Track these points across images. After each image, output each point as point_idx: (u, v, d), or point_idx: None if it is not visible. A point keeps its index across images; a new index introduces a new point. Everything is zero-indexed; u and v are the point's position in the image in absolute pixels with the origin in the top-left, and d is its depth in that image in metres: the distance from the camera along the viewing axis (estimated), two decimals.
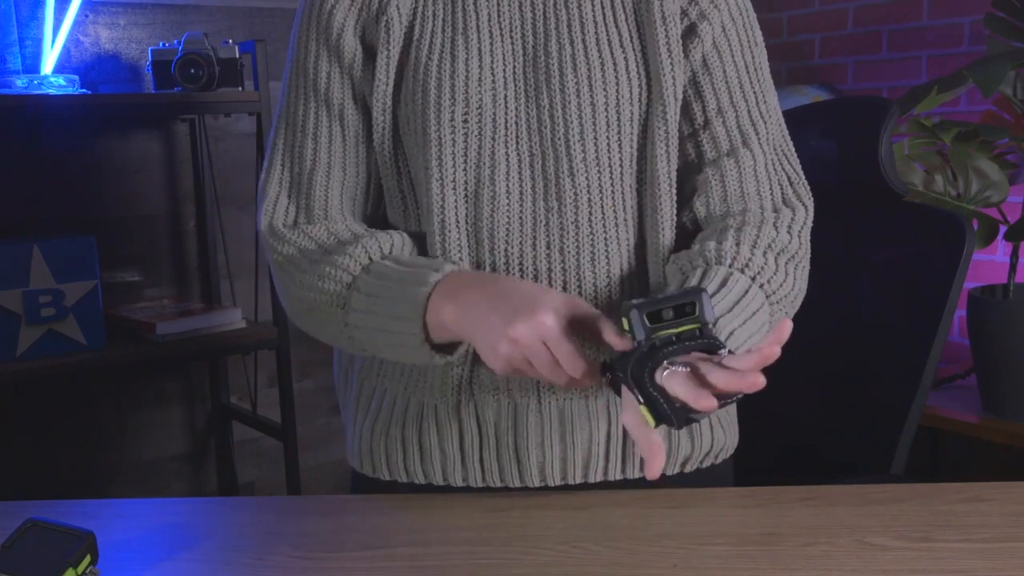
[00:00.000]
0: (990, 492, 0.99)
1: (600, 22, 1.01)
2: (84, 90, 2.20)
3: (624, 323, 0.83)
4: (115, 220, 2.38)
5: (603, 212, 1.00)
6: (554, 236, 0.99)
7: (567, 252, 0.99)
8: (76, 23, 2.26)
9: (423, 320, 0.91)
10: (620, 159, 1.01)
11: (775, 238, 1.00)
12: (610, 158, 1.00)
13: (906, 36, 2.65)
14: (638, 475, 1.04)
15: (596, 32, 1.01)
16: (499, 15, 1.01)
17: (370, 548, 0.91)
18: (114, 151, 2.37)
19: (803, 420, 1.46)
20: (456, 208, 0.99)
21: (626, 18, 1.02)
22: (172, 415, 2.53)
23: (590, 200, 0.99)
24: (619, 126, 1.00)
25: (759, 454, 1.24)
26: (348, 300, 0.96)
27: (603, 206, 1.00)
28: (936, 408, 2.24)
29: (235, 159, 2.53)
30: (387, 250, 0.98)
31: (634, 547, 0.89)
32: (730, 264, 0.96)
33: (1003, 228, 2.07)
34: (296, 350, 2.38)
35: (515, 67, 1.00)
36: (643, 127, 1.02)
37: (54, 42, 2.21)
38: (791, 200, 1.04)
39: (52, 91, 2.09)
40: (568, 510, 0.98)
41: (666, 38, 1.00)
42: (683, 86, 1.03)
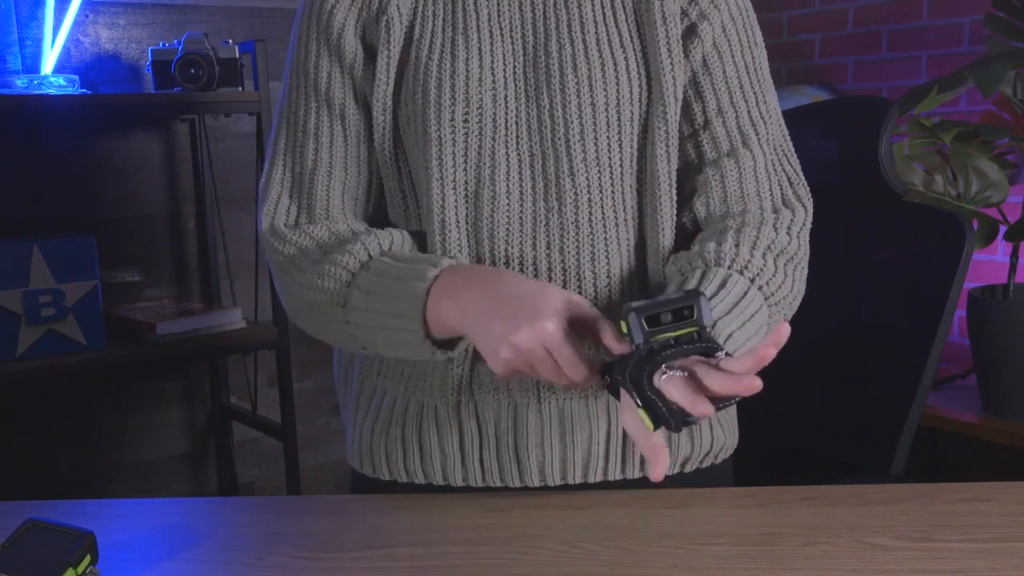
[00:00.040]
0: (990, 492, 0.99)
1: (600, 22, 1.01)
2: (84, 90, 2.20)
3: (622, 326, 0.84)
4: (115, 220, 2.38)
5: (603, 212, 1.00)
6: (554, 236, 0.99)
7: (567, 252, 0.99)
8: (76, 23, 2.26)
9: (423, 316, 0.91)
10: (620, 159, 1.01)
11: (774, 239, 1.00)
12: (610, 158, 1.00)
13: (906, 36, 2.65)
14: (638, 475, 1.04)
15: (596, 32, 1.01)
16: (499, 15, 1.01)
17: (370, 548, 0.91)
18: (114, 151, 2.37)
19: (803, 420, 1.46)
20: (456, 208, 0.99)
21: (626, 18, 1.02)
22: (172, 415, 2.53)
23: (590, 200, 0.99)
24: (619, 126, 1.00)
25: (759, 454, 1.24)
26: (348, 298, 0.96)
27: (603, 206, 1.00)
28: (936, 408, 2.24)
29: (235, 159, 2.53)
30: (386, 247, 0.98)
31: (634, 547, 0.89)
32: (729, 266, 0.96)
33: (1003, 228, 2.07)
34: (296, 350, 2.38)
35: (515, 67, 1.00)
36: (643, 127, 1.02)
37: (54, 42, 2.20)
38: (791, 201, 1.04)
39: (52, 91, 2.09)
40: (568, 510, 0.98)
41: (666, 38, 1.00)
42: (683, 86, 1.03)
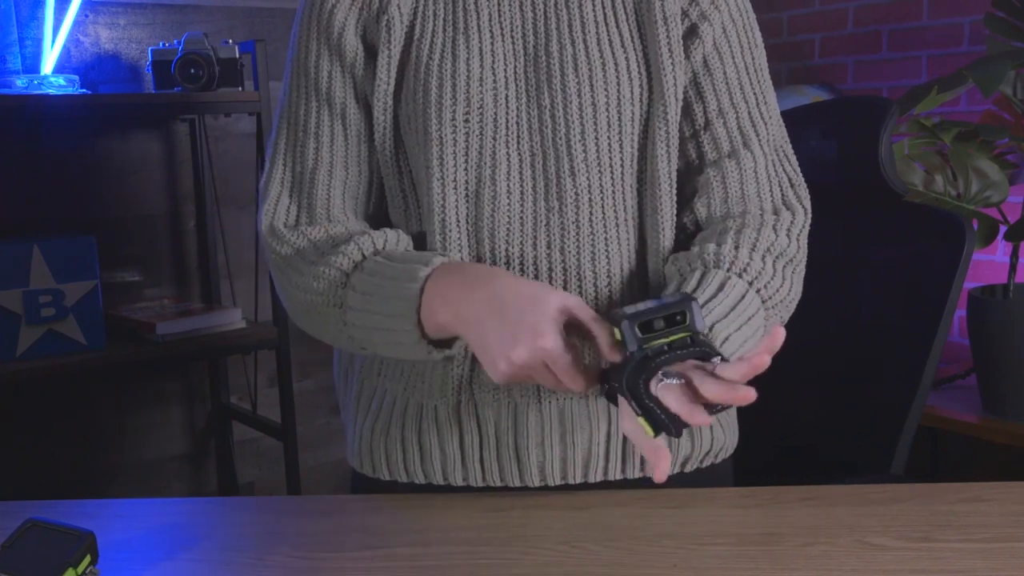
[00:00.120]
0: (990, 492, 0.99)
1: (601, 22, 1.01)
2: (84, 90, 2.20)
3: (616, 334, 0.84)
4: (115, 220, 2.38)
5: (603, 212, 1.00)
6: (554, 236, 0.99)
7: (567, 252, 0.99)
8: (76, 23, 2.26)
9: (417, 316, 0.91)
10: (621, 159, 1.01)
11: (774, 241, 1.00)
12: (611, 158, 1.00)
13: (906, 36, 2.65)
14: (638, 475, 1.04)
15: (597, 32, 1.01)
16: (500, 15, 1.01)
17: (370, 548, 0.91)
18: (114, 151, 2.37)
19: (803, 420, 1.46)
20: (457, 207, 0.99)
21: (627, 18, 1.02)
22: (172, 415, 2.53)
23: (591, 200, 0.99)
24: (620, 126, 1.00)
25: (759, 454, 1.24)
26: (345, 299, 0.96)
27: (603, 206, 1.00)
28: (936, 408, 2.24)
29: (235, 159, 2.53)
30: (380, 246, 0.98)
31: (634, 547, 0.89)
32: (728, 268, 0.96)
33: (1003, 228, 2.07)
34: (296, 350, 2.38)
35: (516, 67, 1.00)
36: (644, 127, 1.02)
37: (54, 42, 2.20)
38: (791, 202, 1.04)
39: (52, 91, 2.09)
40: (568, 510, 0.98)
41: (667, 38, 1.00)
42: (684, 87, 1.03)
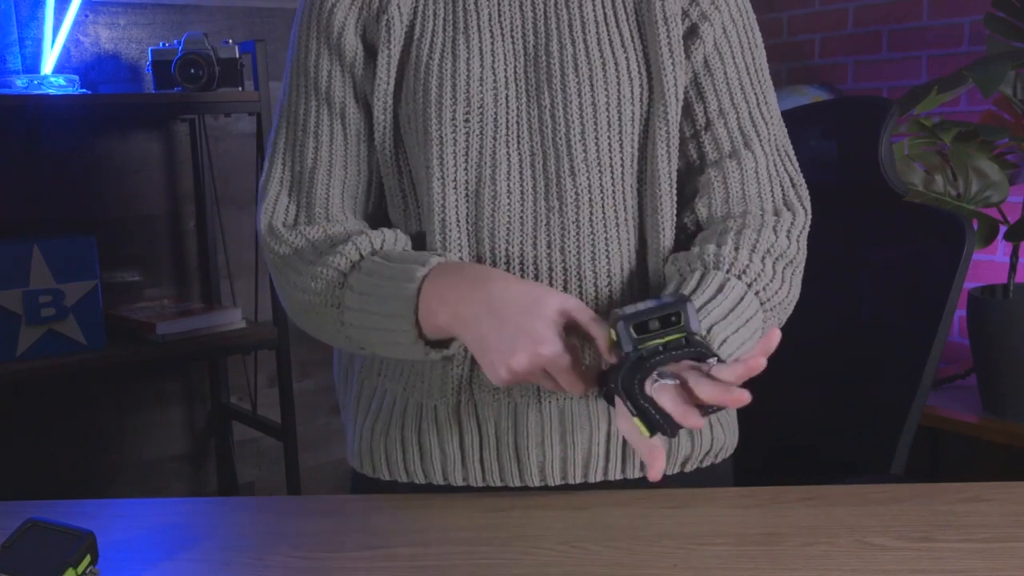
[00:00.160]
0: (990, 492, 0.99)
1: (601, 22, 1.01)
2: (84, 90, 2.20)
3: (612, 334, 0.84)
4: (115, 220, 2.38)
5: (604, 212, 1.00)
6: (555, 236, 0.99)
7: (567, 251, 0.99)
8: (76, 23, 2.26)
9: (415, 317, 0.92)
10: (621, 159, 1.01)
11: (774, 243, 1.00)
12: (611, 158, 1.00)
13: (906, 36, 2.65)
14: (638, 475, 1.04)
15: (597, 32, 1.01)
16: (500, 14, 1.01)
17: (370, 548, 0.91)
18: (114, 151, 2.37)
19: (803, 420, 1.46)
20: (457, 207, 0.99)
21: (627, 18, 1.02)
22: (172, 415, 2.53)
23: (591, 200, 0.99)
24: (620, 126, 1.00)
25: (759, 454, 1.24)
26: (342, 299, 0.96)
27: (604, 206, 1.00)
28: (936, 408, 2.24)
29: (235, 159, 2.53)
30: (378, 246, 0.98)
31: (634, 547, 0.89)
32: (728, 269, 0.96)
33: (1003, 228, 2.07)
34: (296, 350, 2.38)
35: (516, 67, 1.00)
36: (644, 127, 1.02)
37: (54, 42, 2.20)
38: (792, 202, 1.04)
39: (52, 91, 2.09)
40: (568, 510, 0.98)
41: (667, 38, 1.00)
42: (685, 87, 1.03)
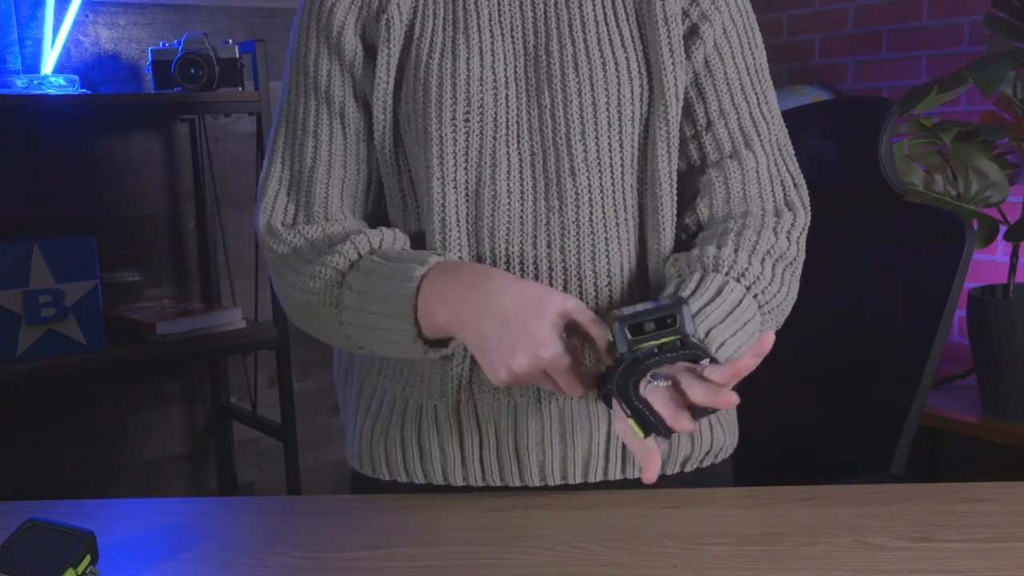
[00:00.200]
0: (990, 492, 0.99)
1: (601, 22, 1.01)
2: (84, 90, 2.20)
3: (608, 335, 0.84)
4: (115, 220, 2.38)
5: (604, 212, 1.00)
6: (555, 235, 0.99)
7: (568, 251, 0.99)
8: (76, 23, 2.26)
9: (414, 316, 0.92)
10: (621, 159, 1.01)
11: (774, 244, 1.00)
12: (611, 158, 1.00)
13: (906, 36, 2.65)
14: (638, 475, 1.04)
15: (597, 32, 1.01)
16: (500, 14, 1.01)
17: (370, 548, 0.91)
18: (114, 151, 2.37)
19: (803, 420, 1.46)
20: (457, 207, 0.99)
21: (627, 18, 1.02)
22: (172, 415, 2.53)
23: (591, 200, 0.99)
24: (620, 126, 1.00)
25: (759, 454, 1.24)
26: (341, 298, 0.96)
27: (604, 206, 1.00)
28: (936, 408, 2.24)
29: (235, 159, 2.53)
30: (376, 245, 0.98)
31: (634, 547, 0.89)
32: (727, 272, 0.96)
33: (1003, 228, 2.07)
34: (296, 350, 2.38)
35: (516, 66, 1.00)
36: (644, 127, 1.02)
37: (54, 42, 2.20)
38: (792, 202, 1.04)
39: (52, 91, 2.09)
40: (568, 510, 0.98)
41: (668, 38, 1.00)
42: (685, 87, 1.03)
